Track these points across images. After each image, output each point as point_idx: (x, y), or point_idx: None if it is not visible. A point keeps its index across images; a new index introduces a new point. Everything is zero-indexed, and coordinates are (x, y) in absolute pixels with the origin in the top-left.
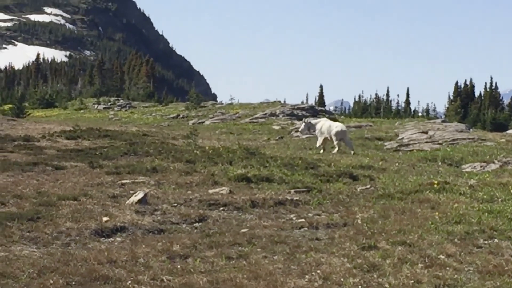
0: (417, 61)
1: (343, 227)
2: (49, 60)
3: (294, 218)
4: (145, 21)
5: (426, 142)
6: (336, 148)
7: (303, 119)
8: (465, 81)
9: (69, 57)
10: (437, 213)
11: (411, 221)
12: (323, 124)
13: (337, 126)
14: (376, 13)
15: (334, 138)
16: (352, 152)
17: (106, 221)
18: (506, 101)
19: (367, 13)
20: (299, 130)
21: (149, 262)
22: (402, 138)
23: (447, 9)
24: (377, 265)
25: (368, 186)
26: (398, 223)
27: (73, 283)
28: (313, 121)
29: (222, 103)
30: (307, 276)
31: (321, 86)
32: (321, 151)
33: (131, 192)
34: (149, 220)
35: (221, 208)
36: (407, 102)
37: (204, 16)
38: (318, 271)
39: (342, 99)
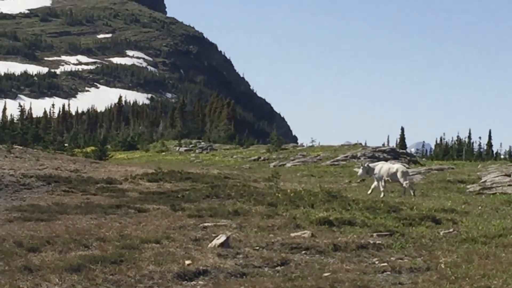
0: (499, 103)
1: (426, 272)
2: (131, 102)
3: (376, 262)
4: (226, 64)
5: (509, 185)
6: (411, 191)
7: (362, 163)
8: None
9: (151, 99)
10: None
11: (495, 266)
12: (382, 167)
13: (398, 168)
14: (456, 54)
15: (401, 180)
16: (413, 194)
17: (188, 265)
18: None
19: (447, 55)
20: (358, 174)
21: None
22: (485, 181)
23: None
24: None
25: (451, 230)
26: (482, 267)
27: None
28: (371, 164)
29: (303, 146)
30: None
31: (402, 129)
32: (381, 195)
33: (213, 235)
34: (231, 264)
35: (303, 252)
36: (489, 145)
37: (284, 59)
38: None
39: (424, 141)
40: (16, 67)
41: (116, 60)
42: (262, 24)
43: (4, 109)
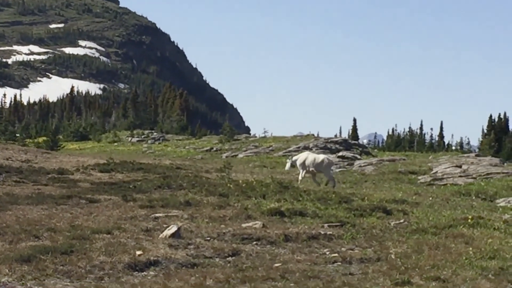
0: (451, 94)
1: (376, 262)
2: (83, 92)
3: (327, 253)
4: (179, 54)
5: (460, 176)
6: (332, 182)
7: (289, 157)
8: (499, 114)
9: (103, 89)
10: (471, 248)
11: (445, 256)
12: (307, 158)
13: (323, 159)
14: (409, 46)
15: (324, 170)
16: (333, 185)
17: (139, 255)
18: None
19: (399, 47)
20: (286, 168)
21: None
22: (436, 172)
23: (478, 42)
24: None
25: (401, 221)
26: (432, 258)
27: None
28: (295, 156)
29: (256, 136)
30: None
31: (354, 119)
32: (318, 185)
33: (165, 225)
34: (182, 254)
35: (254, 242)
36: (441, 136)
37: (237, 49)
38: None
39: (376, 133)
40: None
41: (69, 50)
42: (215, 15)
43: None
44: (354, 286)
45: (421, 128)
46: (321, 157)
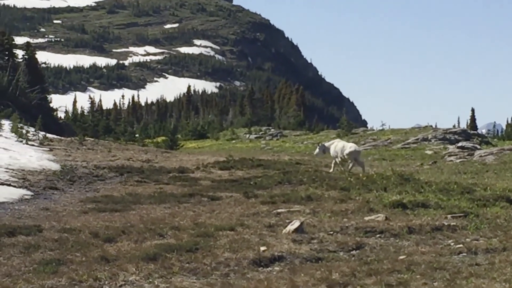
0: None
1: (502, 252)
2: (200, 91)
3: (452, 244)
4: (293, 50)
5: None
6: (350, 166)
7: (319, 143)
8: None
9: (220, 88)
10: None
11: None
12: (336, 145)
13: (350, 147)
14: None
15: (347, 157)
16: (364, 172)
17: (263, 251)
18: None
19: None
20: (315, 153)
21: None
22: None
23: None
24: None
25: None
26: None
27: None
28: (326, 144)
29: (373, 129)
30: None
31: (472, 110)
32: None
33: (287, 221)
34: (306, 249)
35: (378, 235)
36: None
37: (351, 43)
38: None
39: (495, 122)
40: (85, 60)
41: (184, 49)
42: (328, 9)
43: (75, 102)
44: (481, 276)
45: None
46: (349, 145)
